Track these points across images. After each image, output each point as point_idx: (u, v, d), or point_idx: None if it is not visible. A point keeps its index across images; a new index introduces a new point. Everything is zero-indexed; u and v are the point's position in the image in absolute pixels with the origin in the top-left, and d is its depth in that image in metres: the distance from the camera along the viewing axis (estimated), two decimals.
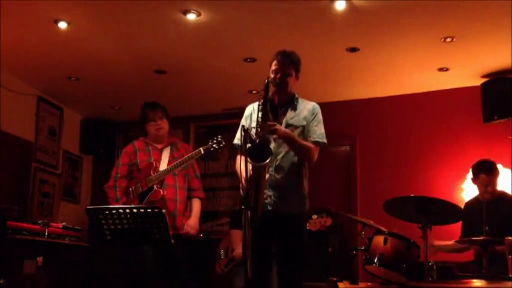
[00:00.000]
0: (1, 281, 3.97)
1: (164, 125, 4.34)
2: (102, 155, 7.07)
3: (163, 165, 4.23)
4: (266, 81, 3.15)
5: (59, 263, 4.68)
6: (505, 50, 4.76)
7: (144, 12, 4.31)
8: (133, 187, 4.23)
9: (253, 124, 3.15)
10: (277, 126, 3.10)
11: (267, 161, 2.94)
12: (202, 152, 4.11)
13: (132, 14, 4.36)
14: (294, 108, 3.34)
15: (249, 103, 3.54)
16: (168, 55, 5.15)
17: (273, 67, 3.33)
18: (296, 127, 3.29)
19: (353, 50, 4.92)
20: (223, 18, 4.40)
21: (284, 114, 3.30)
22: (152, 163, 4.21)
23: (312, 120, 3.33)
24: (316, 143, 3.30)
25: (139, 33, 4.69)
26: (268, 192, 3.17)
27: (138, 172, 4.25)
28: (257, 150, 2.92)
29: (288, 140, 3.20)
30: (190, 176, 4.33)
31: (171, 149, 4.33)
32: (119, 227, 3.25)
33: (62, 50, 5.03)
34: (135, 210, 3.23)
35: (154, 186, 4.15)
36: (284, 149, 3.24)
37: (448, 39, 4.67)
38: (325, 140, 3.34)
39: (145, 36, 4.74)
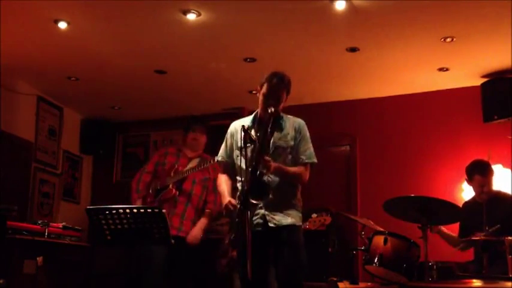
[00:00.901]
0: (1, 281, 3.97)
1: (201, 138, 4.71)
2: (102, 155, 7.07)
3: None
4: (270, 112, 3.17)
5: (59, 263, 4.69)
6: (505, 50, 4.76)
7: (144, 12, 4.31)
8: (153, 185, 4.53)
9: (240, 143, 3.17)
10: (271, 163, 3.10)
11: (268, 197, 3.06)
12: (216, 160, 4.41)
13: (132, 14, 4.36)
14: (281, 129, 3.33)
15: (249, 103, 3.55)
16: (168, 55, 5.15)
17: (265, 90, 3.32)
18: (284, 148, 3.30)
19: (353, 50, 4.92)
20: (223, 18, 4.40)
21: (271, 134, 3.26)
22: (175, 165, 4.52)
23: (300, 139, 3.34)
24: (306, 164, 3.33)
25: (139, 33, 4.69)
26: (262, 211, 3.21)
27: (162, 172, 4.54)
28: (256, 187, 3.00)
29: (279, 174, 3.23)
30: (209, 189, 4.58)
31: (200, 161, 4.55)
32: (119, 227, 3.25)
33: (62, 50, 5.03)
34: (135, 210, 3.24)
35: (170, 186, 4.42)
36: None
37: (448, 39, 4.67)
38: (315, 160, 3.37)
39: (145, 36, 4.74)
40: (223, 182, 3.43)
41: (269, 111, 3.20)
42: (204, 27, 4.50)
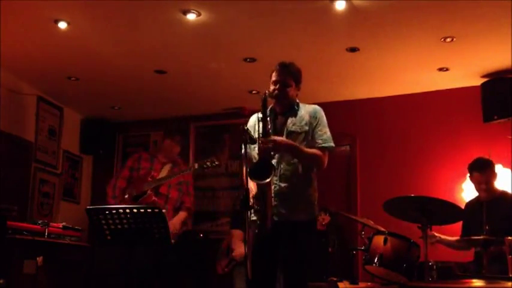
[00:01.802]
0: (1, 281, 3.97)
1: (176, 148, 4.98)
2: (102, 155, 7.07)
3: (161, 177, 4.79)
4: (264, 96, 3.14)
5: (59, 263, 4.68)
6: (505, 50, 4.76)
7: (144, 12, 4.31)
8: (129, 190, 4.68)
9: (256, 135, 3.14)
10: (278, 141, 3.07)
11: (269, 179, 2.93)
12: (196, 167, 4.76)
13: (132, 14, 4.36)
14: (295, 115, 3.31)
15: (249, 103, 3.56)
16: (168, 55, 5.15)
17: (273, 78, 3.33)
18: (298, 133, 3.25)
19: (353, 50, 4.92)
20: (223, 18, 4.40)
21: (285, 122, 3.27)
22: (151, 171, 4.74)
23: (316, 124, 3.29)
24: (322, 148, 3.26)
25: (139, 33, 4.69)
26: (274, 202, 3.11)
27: (138, 177, 4.72)
28: (259, 168, 2.94)
29: (291, 151, 3.17)
30: (183, 191, 4.86)
31: (172, 165, 4.90)
32: (119, 227, 3.25)
33: (62, 50, 5.03)
34: (135, 210, 3.24)
35: (148, 191, 4.62)
36: (287, 157, 3.20)
37: (448, 39, 4.67)
38: (332, 144, 3.30)
39: (146, 36, 4.74)
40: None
41: (275, 91, 3.23)
42: (204, 27, 4.50)
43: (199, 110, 6.68)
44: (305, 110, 3.36)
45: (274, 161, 3.17)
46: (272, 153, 3.07)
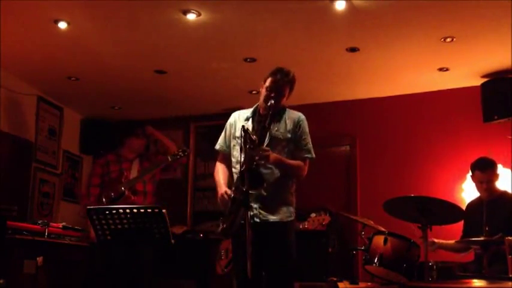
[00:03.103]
0: (1, 281, 3.97)
1: (142, 141, 5.01)
2: (102, 155, 7.06)
3: (133, 174, 4.80)
4: (269, 105, 3.23)
5: (59, 263, 4.68)
6: (505, 50, 4.76)
7: (144, 12, 4.31)
8: (105, 194, 4.67)
9: (237, 133, 3.25)
10: (270, 153, 3.13)
11: (261, 187, 3.05)
12: (170, 159, 4.76)
13: (132, 14, 4.36)
14: (279, 121, 3.35)
15: (249, 103, 3.56)
16: (168, 55, 5.15)
17: (268, 84, 3.35)
18: (281, 139, 3.31)
19: (353, 50, 4.92)
20: (223, 18, 4.40)
21: (269, 125, 3.29)
22: (123, 172, 4.75)
23: (299, 133, 3.35)
24: (304, 159, 3.35)
25: (139, 33, 4.69)
26: (254, 205, 3.20)
27: (110, 181, 4.73)
28: (253, 175, 2.99)
29: (278, 165, 3.24)
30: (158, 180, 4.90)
31: (140, 159, 4.93)
32: (119, 227, 3.25)
33: (62, 50, 5.03)
34: (135, 210, 3.23)
35: (126, 192, 4.62)
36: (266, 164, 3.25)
37: (448, 39, 4.67)
38: (313, 154, 3.38)
39: (145, 36, 4.74)
40: (220, 172, 3.47)
41: (269, 103, 3.24)
42: (204, 27, 4.50)
43: (199, 110, 6.68)
44: (289, 116, 3.40)
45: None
46: (261, 161, 3.12)
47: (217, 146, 3.54)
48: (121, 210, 3.23)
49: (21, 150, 5.85)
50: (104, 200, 4.63)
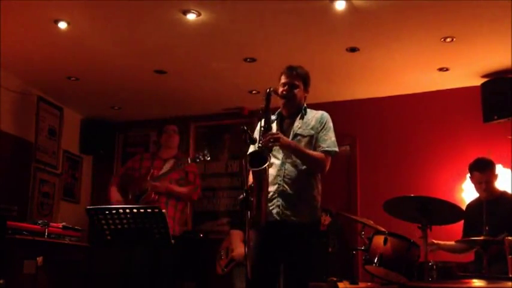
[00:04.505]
0: (1, 281, 3.97)
1: (174, 138, 4.92)
2: (102, 155, 7.07)
3: None
4: (268, 90, 3.17)
5: (59, 263, 4.68)
6: (505, 50, 4.76)
7: (144, 12, 4.31)
8: (131, 190, 4.63)
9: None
10: (280, 135, 3.11)
11: (263, 167, 2.96)
12: (189, 162, 4.66)
13: (132, 14, 4.36)
14: (302, 118, 3.35)
15: (249, 103, 3.57)
16: (168, 55, 5.15)
17: (282, 81, 3.37)
18: (303, 136, 3.29)
19: (353, 50, 4.92)
20: (223, 18, 4.40)
21: (292, 124, 3.30)
22: (151, 169, 4.65)
23: (322, 129, 3.32)
24: (326, 152, 3.28)
25: (139, 33, 4.69)
26: (277, 202, 3.17)
27: (139, 177, 4.68)
28: (256, 157, 2.96)
29: (292, 149, 3.19)
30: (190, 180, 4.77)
31: (176, 160, 4.76)
32: (119, 227, 3.25)
33: (62, 50, 5.03)
34: (135, 210, 3.23)
35: (148, 189, 4.54)
36: (291, 158, 3.23)
37: (448, 39, 4.67)
38: (336, 149, 3.32)
39: (145, 36, 4.74)
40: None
41: (282, 92, 3.27)
42: (204, 27, 4.50)
43: (199, 110, 6.68)
44: (312, 115, 3.40)
45: (278, 161, 3.21)
46: (271, 144, 3.07)
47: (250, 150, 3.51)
48: (121, 210, 3.23)
49: (21, 150, 5.85)
50: (129, 196, 4.61)
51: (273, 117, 3.38)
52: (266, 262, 3.14)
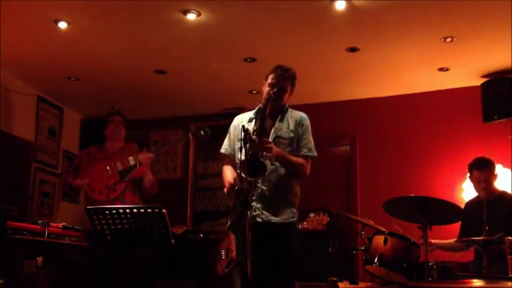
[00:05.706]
0: (1, 281, 3.97)
1: (121, 129, 4.73)
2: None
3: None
4: (268, 96, 3.23)
5: (59, 263, 4.67)
6: (505, 50, 4.76)
7: (144, 12, 4.31)
8: (111, 164, 4.34)
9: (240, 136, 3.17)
10: (272, 145, 3.12)
11: (261, 176, 3.01)
12: (191, 137, 4.51)
13: (132, 14, 4.36)
14: (282, 120, 3.36)
15: (249, 103, 3.56)
16: (168, 55, 5.15)
17: (270, 80, 3.36)
18: (284, 139, 3.31)
19: (353, 50, 4.92)
20: (223, 18, 4.40)
21: (272, 125, 3.31)
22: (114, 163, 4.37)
23: (302, 133, 3.35)
24: (307, 157, 3.33)
25: (139, 33, 4.69)
26: (256, 205, 3.19)
27: (115, 153, 4.46)
28: (251, 165, 2.96)
29: (280, 158, 3.23)
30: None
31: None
32: (119, 227, 3.25)
33: (62, 50, 5.03)
34: (135, 210, 3.23)
35: (138, 165, 4.27)
36: (271, 161, 3.24)
37: (448, 39, 4.67)
38: (315, 153, 3.37)
39: (145, 36, 4.74)
40: (228, 171, 3.41)
41: (270, 93, 3.26)
42: (204, 27, 4.50)
43: (199, 110, 6.68)
44: (292, 116, 3.40)
45: None
46: (263, 153, 3.09)
47: (222, 150, 3.52)
48: (121, 210, 3.22)
49: (21, 150, 5.85)
50: (110, 171, 4.34)
51: (251, 114, 3.40)
52: (258, 264, 3.15)
